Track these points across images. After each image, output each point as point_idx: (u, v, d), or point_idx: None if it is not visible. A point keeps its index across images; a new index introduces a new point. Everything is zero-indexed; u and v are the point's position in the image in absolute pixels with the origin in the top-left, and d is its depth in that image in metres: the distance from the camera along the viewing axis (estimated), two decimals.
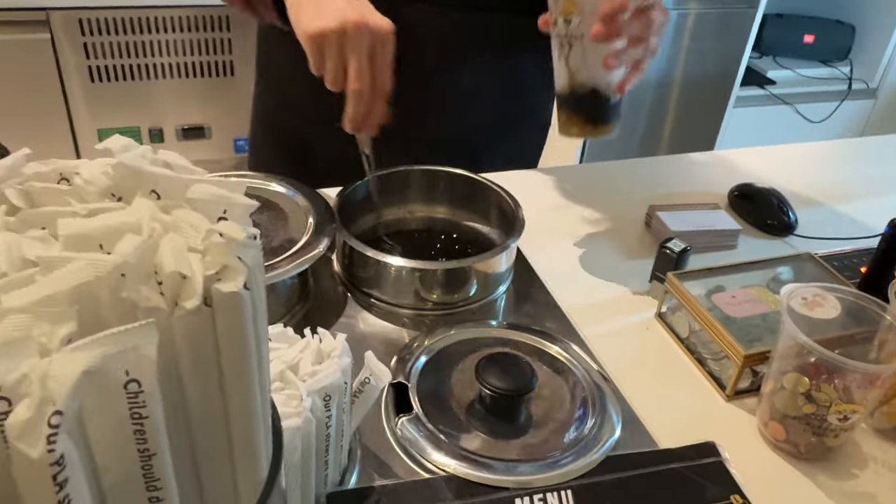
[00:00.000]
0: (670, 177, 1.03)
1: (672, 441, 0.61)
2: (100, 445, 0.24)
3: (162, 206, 0.29)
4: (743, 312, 0.68)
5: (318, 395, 0.48)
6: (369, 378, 0.54)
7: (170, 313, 0.25)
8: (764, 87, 2.37)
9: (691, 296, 0.69)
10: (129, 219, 0.27)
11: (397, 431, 0.59)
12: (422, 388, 0.63)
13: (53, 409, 0.21)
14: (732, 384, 0.65)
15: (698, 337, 0.69)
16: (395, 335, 0.70)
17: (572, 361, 0.67)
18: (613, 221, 0.90)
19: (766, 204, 0.91)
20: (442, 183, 0.84)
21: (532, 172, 1.02)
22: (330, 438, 0.51)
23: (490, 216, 0.83)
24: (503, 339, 0.69)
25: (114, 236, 0.26)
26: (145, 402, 0.24)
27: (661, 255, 0.75)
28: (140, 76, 1.77)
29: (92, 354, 0.22)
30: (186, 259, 0.25)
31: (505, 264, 0.75)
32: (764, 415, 0.62)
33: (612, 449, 0.59)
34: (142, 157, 0.30)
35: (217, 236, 0.26)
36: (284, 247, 0.69)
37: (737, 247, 0.86)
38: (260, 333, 0.28)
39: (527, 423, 0.62)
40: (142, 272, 0.25)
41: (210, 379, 0.27)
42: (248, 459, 0.30)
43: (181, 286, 0.25)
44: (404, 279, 0.71)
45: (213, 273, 0.26)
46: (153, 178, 0.29)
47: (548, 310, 0.75)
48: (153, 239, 0.26)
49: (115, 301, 0.25)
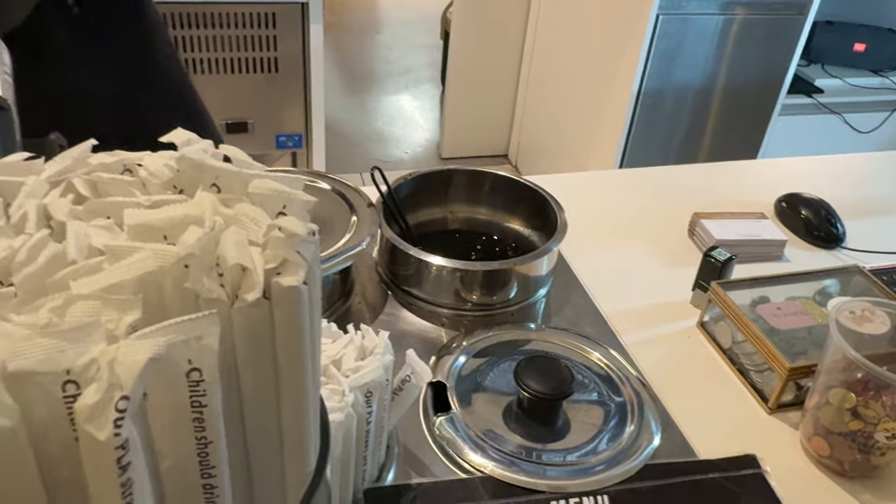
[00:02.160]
0: (714, 184, 1.01)
1: (711, 452, 0.60)
2: (160, 431, 0.25)
3: (223, 200, 0.30)
4: (788, 324, 0.67)
5: (360, 391, 0.49)
6: (410, 376, 0.54)
7: (230, 305, 0.26)
8: (811, 95, 2.32)
9: (735, 306, 0.68)
10: (192, 211, 0.27)
11: (435, 430, 0.59)
12: (460, 387, 0.63)
13: (121, 394, 0.22)
14: (775, 397, 0.64)
15: (741, 348, 0.68)
16: (433, 334, 0.71)
17: (612, 367, 0.67)
18: (656, 228, 0.89)
19: (814, 214, 0.89)
20: (485, 183, 0.84)
21: (574, 175, 1.02)
22: (369, 434, 0.51)
23: (532, 218, 0.83)
24: (542, 342, 0.69)
25: (178, 228, 0.27)
26: (205, 390, 0.24)
27: (705, 264, 0.74)
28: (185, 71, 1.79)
29: (158, 342, 0.23)
30: (248, 252, 0.26)
31: (546, 267, 0.75)
32: (807, 430, 0.61)
33: (651, 457, 0.59)
34: (203, 151, 0.31)
35: (277, 231, 0.27)
36: (327, 243, 0.69)
37: (782, 258, 0.85)
38: (315, 328, 0.29)
39: (564, 426, 0.62)
40: (204, 264, 0.26)
41: (265, 371, 0.28)
42: (298, 451, 0.31)
43: (241, 278, 0.26)
44: (445, 279, 0.72)
45: (273, 267, 0.26)
46: (214, 172, 0.30)
47: (588, 314, 0.74)
48: (215, 232, 0.27)
49: (178, 291, 0.25)
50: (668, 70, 2.04)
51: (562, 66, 2.42)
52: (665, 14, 1.95)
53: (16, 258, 0.25)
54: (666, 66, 2.03)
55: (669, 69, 2.04)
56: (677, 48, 2.02)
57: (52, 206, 0.29)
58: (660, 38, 1.97)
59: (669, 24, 1.97)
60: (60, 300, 0.24)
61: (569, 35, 2.36)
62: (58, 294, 0.24)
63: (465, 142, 2.83)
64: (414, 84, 3.50)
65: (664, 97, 2.09)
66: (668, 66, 2.04)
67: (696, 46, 2.04)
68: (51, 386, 0.22)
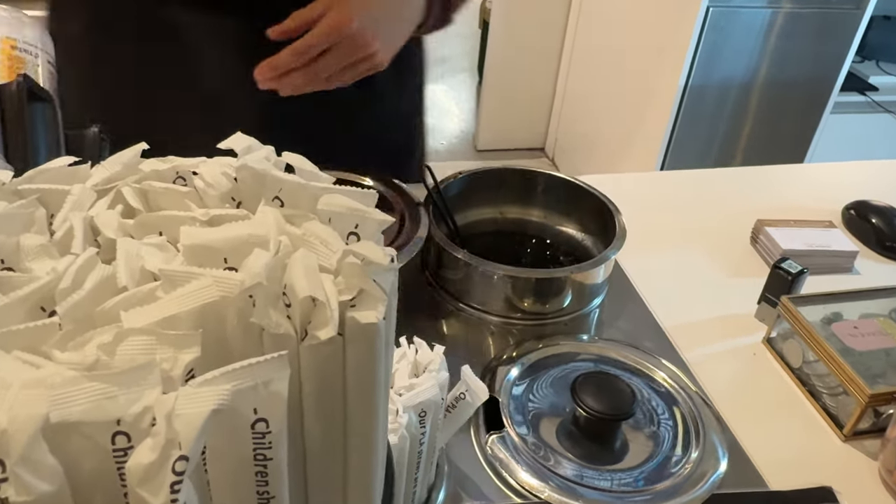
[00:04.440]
0: (774, 188, 0.96)
1: (782, 481, 0.56)
2: (218, 485, 0.22)
3: (287, 216, 0.26)
4: (865, 345, 0.63)
5: (414, 411, 0.46)
6: (465, 394, 0.51)
7: (298, 341, 0.23)
8: (865, 93, 2.23)
9: (807, 322, 0.64)
10: (256, 231, 0.24)
11: (487, 449, 0.56)
12: (513, 404, 0.59)
13: (179, 454, 0.18)
14: (852, 424, 0.59)
15: (812, 368, 0.64)
16: (481, 343, 0.67)
17: (673, 385, 0.63)
18: (716, 234, 0.85)
19: (885, 224, 0.84)
20: (538, 184, 0.80)
21: (624, 176, 0.97)
22: (422, 455, 0.48)
23: (586, 222, 0.79)
24: (598, 356, 0.65)
25: (240, 250, 0.24)
26: (272, 443, 0.21)
27: (774, 276, 0.69)
28: None
29: (222, 390, 0.20)
30: (320, 282, 0.23)
31: (602, 275, 0.71)
32: (889, 461, 0.56)
33: (717, 486, 0.55)
34: (266, 160, 0.28)
35: (352, 257, 0.23)
36: None
37: (852, 270, 0.80)
38: (388, 367, 0.25)
39: (623, 448, 0.58)
40: (271, 294, 0.23)
41: (334, 415, 0.24)
42: (363, 495, 0.28)
43: (312, 311, 0.23)
44: (495, 285, 0.68)
45: (347, 299, 0.23)
46: (278, 184, 0.27)
47: (645, 326, 0.70)
48: (281, 255, 0.24)
49: (242, 325, 0.22)
50: (714, 65, 1.97)
51: (604, 59, 2.36)
52: (715, 7, 1.88)
53: (60, 283, 0.22)
54: (713, 61, 1.96)
55: (716, 64, 1.97)
56: (724, 42, 1.94)
57: (99, 220, 0.26)
58: (709, 31, 1.90)
59: (720, 16, 1.90)
60: (110, 335, 0.21)
61: (613, 27, 2.30)
62: (107, 327, 0.21)
63: (501, 134, 2.78)
64: (450, 74, 3.45)
65: (708, 93, 2.03)
66: (714, 61, 1.97)
67: (744, 41, 1.97)
68: (100, 437, 0.19)
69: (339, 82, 0.65)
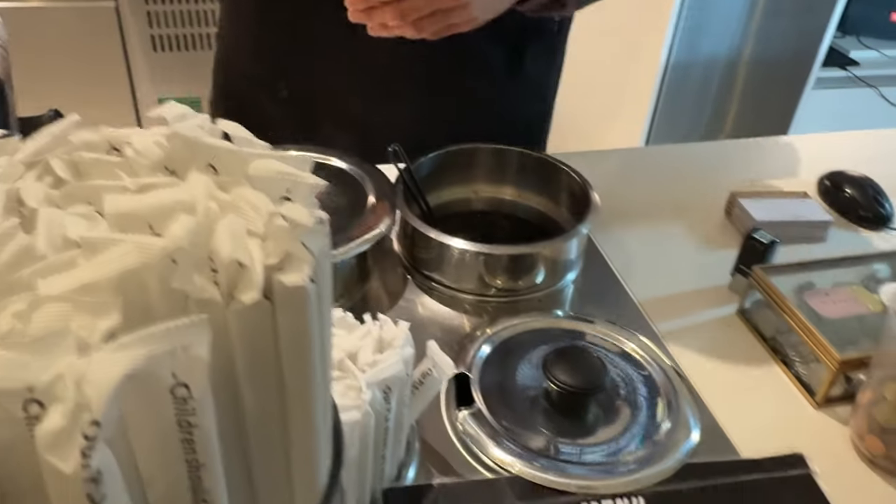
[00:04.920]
0: (752, 161, 0.96)
1: (755, 449, 0.56)
2: (144, 455, 0.22)
3: (219, 183, 0.26)
4: (837, 312, 0.63)
5: (379, 388, 0.45)
6: (432, 370, 0.50)
7: (225, 307, 0.22)
8: (846, 68, 2.23)
9: (780, 292, 0.64)
10: (183, 197, 0.24)
11: (458, 426, 0.55)
12: (484, 380, 0.59)
13: (90, 419, 0.18)
14: (824, 391, 0.59)
15: (786, 338, 0.64)
16: (455, 321, 0.67)
17: (646, 358, 0.62)
18: (690, 208, 0.84)
19: (860, 194, 0.84)
20: (510, 162, 0.79)
21: (602, 153, 0.97)
22: (388, 432, 0.48)
23: (560, 199, 0.78)
24: (572, 331, 0.65)
25: (165, 216, 0.23)
26: (195, 409, 0.21)
27: (747, 247, 0.69)
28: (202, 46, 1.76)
29: (135, 354, 0.19)
30: (245, 245, 0.22)
31: (575, 251, 0.71)
32: (860, 427, 0.56)
33: (689, 455, 0.55)
34: (199, 128, 0.27)
35: (280, 220, 0.23)
36: (344, 226, 0.66)
37: (826, 240, 0.80)
38: (325, 330, 0.25)
39: (595, 421, 0.58)
40: (195, 259, 0.22)
41: (268, 382, 0.24)
42: (307, 466, 0.27)
43: (239, 276, 0.22)
44: (468, 263, 0.68)
45: (274, 262, 0.22)
46: (211, 151, 0.26)
47: (619, 301, 0.70)
48: (209, 220, 0.23)
49: (165, 291, 0.22)
50: (696, 43, 1.96)
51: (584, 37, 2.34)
52: None
53: None
54: (694, 38, 1.95)
55: (697, 41, 1.97)
56: (707, 19, 1.94)
57: (24, 191, 0.25)
58: (690, 7, 1.89)
59: None
60: (25, 303, 0.20)
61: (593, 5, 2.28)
62: (23, 294, 0.21)
63: None
64: None
65: (691, 71, 2.02)
66: (696, 39, 1.96)
67: (725, 18, 1.96)
68: (11, 406, 0.19)
69: (429, 32, 0.63)
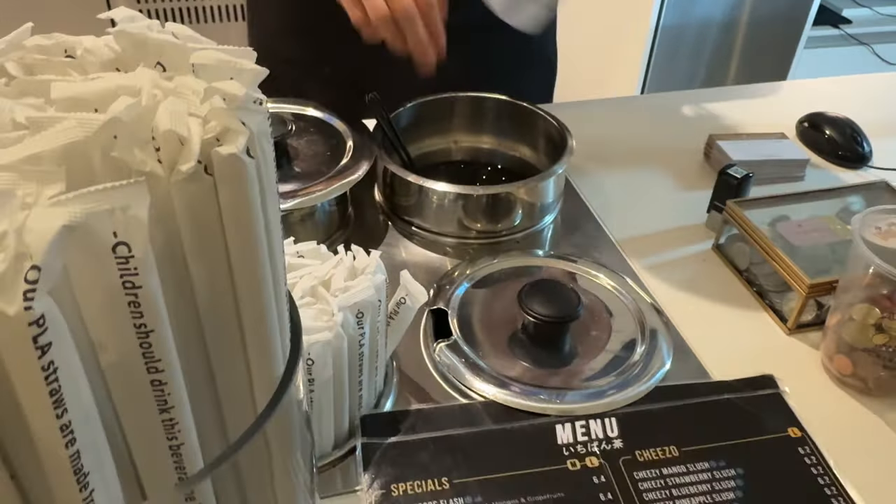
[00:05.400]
0: (734, 107, 0.96)
1: (728, 375, 0.57)
2: (92, 317, 0.23)
3: (166, 77, 0.27)
4: (809, 241, 0.64)
5: (351, 312, 0.46)
6: (405, 298, 0.52)
7: (167, 179, 0.23)
8: (838, 26, 2.22)
9: (753, 224, 0.65)
10: (127, 83, 0.25)
11: (435, 357, 0.57)
12: (462, 314, 0.60)
13: (30, 264, 0.19)
14: (795, 316, 0.60)
15: (759, 268, 0.65)
16: (437, 263, 0.68)
17: (621, 292, 0.64)
18: (670, 152, 0.85)
19: (839, 133, 0.85)
20: (488, 111, 0.80)
21: (588, 103, 0.97)
22: (364, 358, 0.49)
23: (538, 145, 0.79)
24: (549, 268, 0.66)
25: (110, 100, 0.24)
26: (137, 268, 0.22)
27: (721, 183, 0.70)
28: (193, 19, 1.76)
29: (74, 210, 0.20)
30: (185, 121, 0.23)
31: (552, 193, 0.72)
32: (829, 348, 0.57)
33: (662, 380, 0.56)
34: (147, 28, 0.28)
35: (218, 99, 0.24)
36: (322, 171, 0.67)
37: (804, 178, 0.81)
38: (269, 211, 0.26)
39: (572, 352, 0.59)
40: (136, 134, 0.23)
41: (216, 257, 0.25)
42: (262, 352, 0.28)
43: (179, 151, 0.23)
44: (447, 207, 0.69)
45: (212, 136, 0.23)
46: (158, 48, 0.27)
47: (597, 241, 0.71)
48: (152, 103, 0.24)
49: (109, 164, 0.23)
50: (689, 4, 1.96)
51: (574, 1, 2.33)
52: None
53: None
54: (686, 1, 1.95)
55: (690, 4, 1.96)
56: None
57: None
58: None
59: None
60: None
61: None
62: None
63: None
64: None
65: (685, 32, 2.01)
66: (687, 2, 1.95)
67: None
68: None
69: None
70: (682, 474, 0.49)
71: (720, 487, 0.48)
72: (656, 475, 0.49)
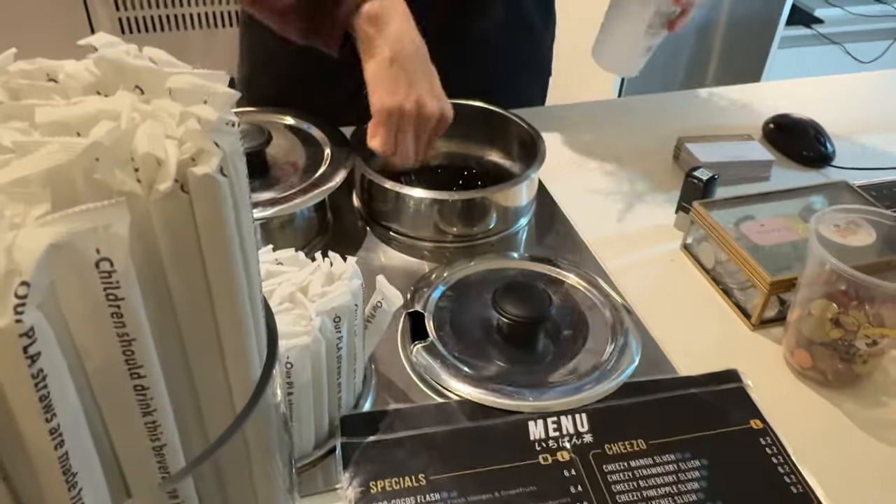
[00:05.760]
0: (703, 111, 0.99)
1: (694, 371, 0.59)
2: (78, 327, 0.24)
3: (144, 100, 0.28)
4: (771, 241, 0.66)
5: (328, 316, 0.48)
6: (381, 302, 0.54)
7: (146, 198, 0.25)
8: (811, 26, 2.27)
9: (718, 225, 0.67)
10: (107, 107, 0.26)
11: (413, 359, 0.59)
12: (438, 317, 0.62)
13: (20, 280, 0.21)
14: (758, 313, 0.63)
15: (724, 267, 0.67)
16: (415, 267, 0.70)
17: (592, 292, 0.66)
18: (640, 155, 0.88)
19: (803, 134, 0.87)
20: (461, 117, 0.81)
21: (559, 107, 1.00)
22: (342, 360, 0.51)
23: (512, 149, 0.81)
24: (523, 270, 0.68)
25: (92, 124, 0.26)
26: (119, 282, 0.24)
27: (688, 185, 0.72)
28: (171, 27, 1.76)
29: (59, 229, 0.22)
30: (162, 143, 0.25)
31: (526, 196, 0.74)
32: (790, 343, 0.60)
33: (631, 377, 0.58)
34: (125, 53, 0.30)
35: (193, 122, 0.26)
36: (301, 179, 0.68)
37: (770, 178, 0.83)
38: (243, 225, 0.28)
39: (544, 351, 0.61)
40: (117, 156, 0.25)
41: (193, 270, 0.27)
42: (239, 358, 0.30)
43: (156, 171, 0.25)
44: (423, 212, 0.71)
45: (188, 157, 0.25)
46: (136, 73, 0.29)
47: (570, 242, 0.73)
48: (132, 126, 0.26)
49: (91, 185, 0.25)
50: None
51: None
52: None
53: None
54: None
55: None
56: None
57: None
58: None
59: None
60: None
61: None
62: None
63: None
64: None
65: None
66: None
67: None
68: None
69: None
70: (649, 466, 0.51)
71: (685, 478, 0.51)
72: (625, 468, 0.51)
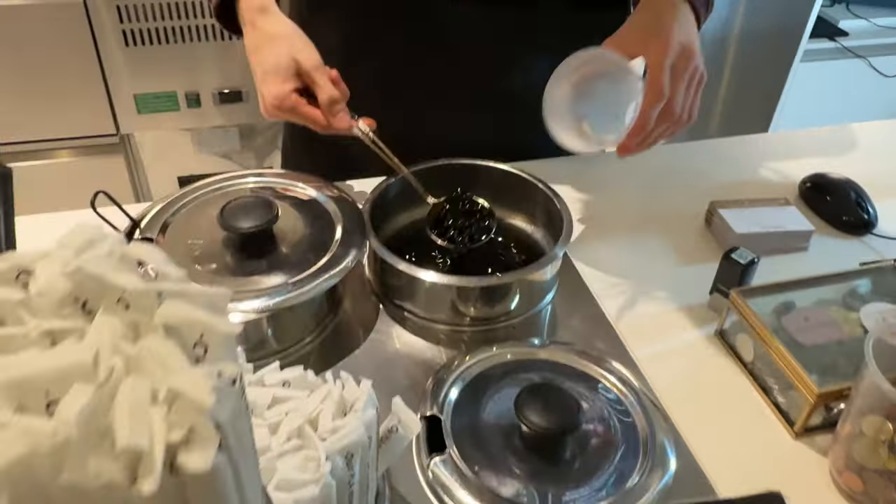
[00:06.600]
0: (731, 162, 0.94)
1: (731, 484, 0.55)
2: None
3: (132, 323, 0.24)
4: (816, 339, 0.61)
5: (340, 455, 0.44)
6: (397, 427, 0.49)
7: (128, 488, 0.20)
8: (835, 38, 2.19)
9: (757, 316, 0.62)
10: (82, 357, 0.22)
11: (429, 473, 0.54)
12: (456, 422, 0.58)
13: None
14: (802, 422, 0.58)
15: (764, 363, 0.63)
16: (429, 353, 0.65)
17: (622, 390, 0.61)
18: (669, 217, 0.83)
19: (842, 198, 0.82)
20: (482, 178, 0.77)
21: (575, 159, 0.94)
22: (353, 496, 0.46)
23: (535, 215, 0.76)
24: (546, 363, 0.64)
25: (64, 380, 0.21)
26: None
27: (725, 267, 0.67)
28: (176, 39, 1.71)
29: None
30: (146, 424, 0.20)
31: (550, 273, 0.69)
32: (838, 462, 0.55)
33: (665, 492, 0.54)
34: (108, 257, 0.25)
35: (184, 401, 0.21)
36: (311, 259, 0.64)
37: (808, 249, 0.78)
38: (246, 489, 0.23)
39: (571, 461, 0.57)
40: (91, 437, 0.20)
41: None
42: None
43: (139, 458, 0.21)
44: (439, 293, 0.66)
45: (177, 440, 0.21)
46: (117, 289, 0.24)
47: (596, 325, 0.69)
48: (111, 385, 0.21)
49: (61, 480, 0.20)
50: None
51: None
52: None
53: None
54: None
55: None
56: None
57: None
58: None
59: None
60: None
61: None
62: None
63: None
64: None
65: None
66: None
67: None
68: None
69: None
70: None
71: None
72: None
